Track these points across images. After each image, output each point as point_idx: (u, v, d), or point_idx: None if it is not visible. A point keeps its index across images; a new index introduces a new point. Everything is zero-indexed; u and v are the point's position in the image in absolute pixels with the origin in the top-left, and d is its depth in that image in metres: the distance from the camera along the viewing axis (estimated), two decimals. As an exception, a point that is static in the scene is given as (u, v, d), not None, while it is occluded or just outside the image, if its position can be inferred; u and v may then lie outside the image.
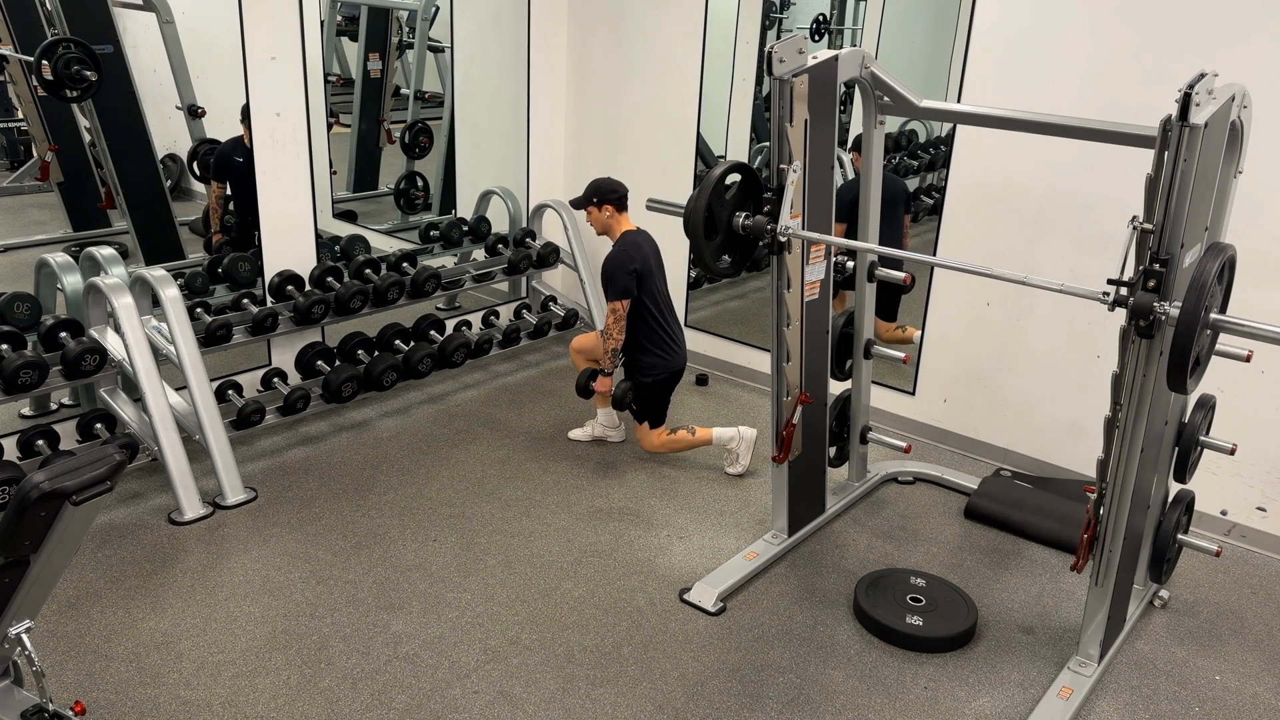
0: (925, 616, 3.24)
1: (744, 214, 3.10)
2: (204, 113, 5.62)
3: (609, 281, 4.05)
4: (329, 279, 4.57)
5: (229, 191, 5.13)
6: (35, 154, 5.64)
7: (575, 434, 4.53)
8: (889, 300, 4.75)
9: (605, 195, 4.16)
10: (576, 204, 4.26)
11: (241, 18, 4.02)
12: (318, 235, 4.59)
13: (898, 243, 4.89)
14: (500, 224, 5.60)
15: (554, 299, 5.63)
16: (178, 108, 5.38)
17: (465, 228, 5.35)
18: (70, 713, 2.32)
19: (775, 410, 3.42)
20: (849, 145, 4.90)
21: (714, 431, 4.28)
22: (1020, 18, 3.92)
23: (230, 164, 4.99)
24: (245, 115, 4.25)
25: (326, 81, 6.40)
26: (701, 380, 5.28)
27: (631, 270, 4.02)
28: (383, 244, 5.79)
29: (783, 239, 3.04)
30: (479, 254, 5.41)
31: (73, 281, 3.96)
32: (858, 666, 3.09)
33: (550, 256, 5.37)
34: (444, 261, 5.22)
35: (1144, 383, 2.60)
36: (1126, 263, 2.48)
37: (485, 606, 3.30)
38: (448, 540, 3.68)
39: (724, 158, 5.65)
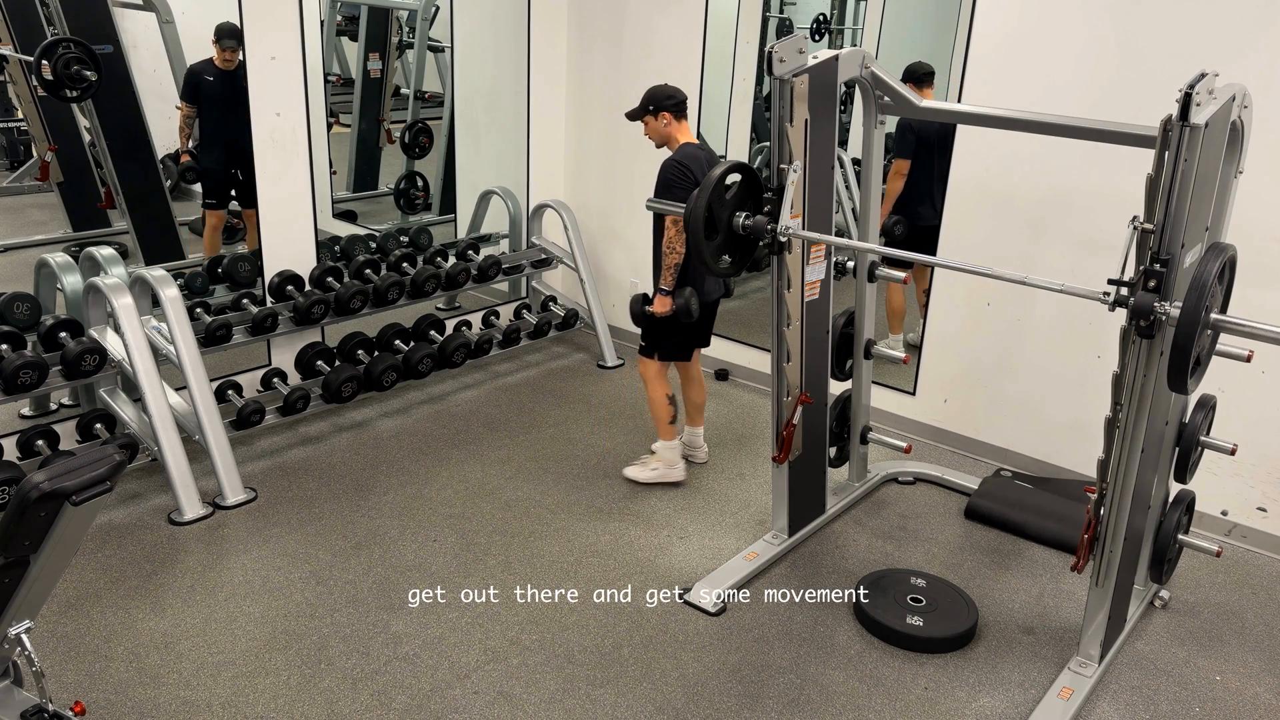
0: (925, 617, 3.24)
1: (744, 214, 3.09)
2: (204, 112, 5.63)
3: (666, 191, 3.70)
4: (329, 279, 4.57)
5: (196, 112, 5.12)
6: (35, 154, 5.63)
7: (631, 471, 4.13)
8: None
9: (661, 102, 3.78)
10: (631, 115, 3.86)
11: (241, 18, 4.02)
12: (317, 235, 4.60)
13: (941, 189, 4.57)
14: (500, 224, 5.60)
15: (554, 299, 5.63)
16: (177, 107, 5.37)
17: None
18: (70, 713, 2.32)
19: (775, 410, 3.42)
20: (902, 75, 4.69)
21: (676, 439, 4.11)
22: (1020, 18, 3.92)
23: (201, 84, 5.00)
24: (218, 35, 4.38)
25: (326, 81, 6.40)
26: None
27: (691, 182, 3.65)
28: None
29: (783, 239, 3.04)
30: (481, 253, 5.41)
31: (73, 281, 3.96)
32: (858, 667, 3.09)
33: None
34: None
35: (1144, 383, 2.60)
36: (1127, 263, 2.48)
37: (485, 607, 3.30)
38: (448, 540, 3.68)
39: (724, 157, 5.65)
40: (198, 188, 5.39)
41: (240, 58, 4.17)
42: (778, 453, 3.46)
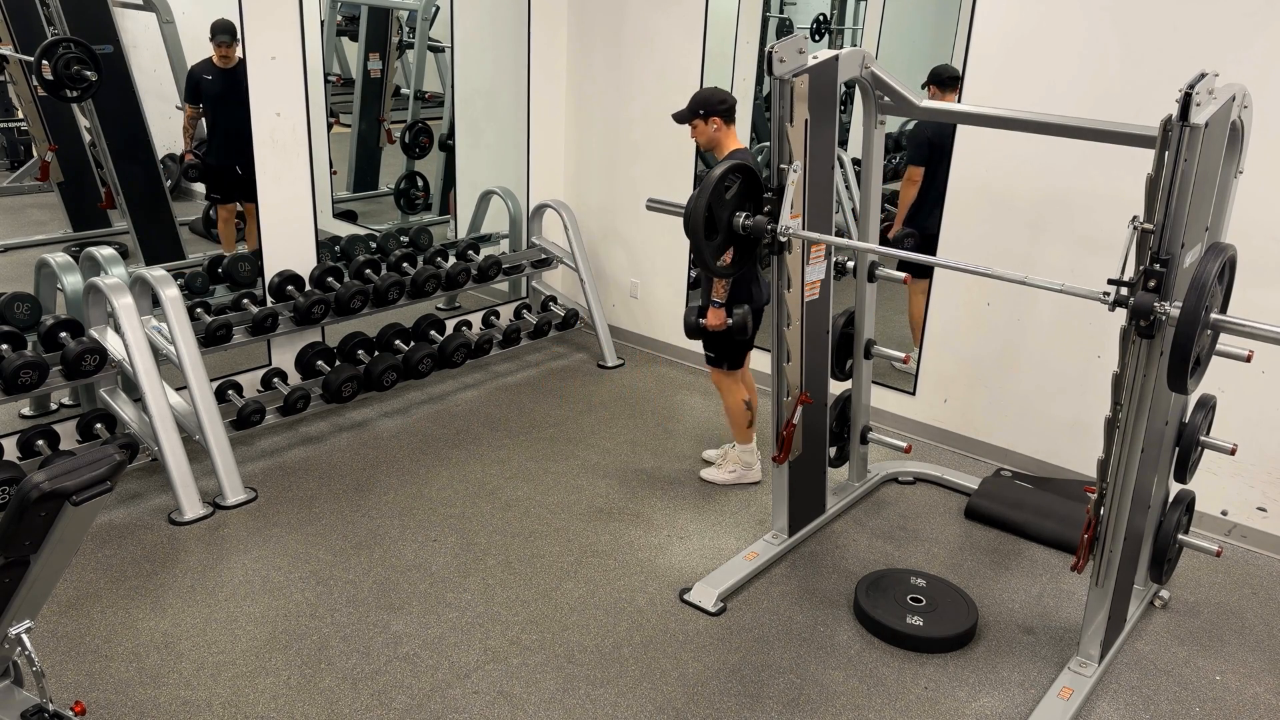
0: (925, 617, 3.24)
1: (744, 214, 3.10)
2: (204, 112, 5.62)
3: None
4: (329, 279, 4.57)
5: (200, 112, 5.22)
6: (35, 154, 5.63)
7: (709, 474, 4.16)
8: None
9: (713, 107, 3.69)
10: (680, 117, 3.76)
11: (241, 18, 4.02)
12: (318, 235, 4.59)
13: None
14: (500, 224, 5.60)
15: (554, 299, 5.63)
16: (178, 107, 5.37)
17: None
18: (70, 713, 2.32)
19: (775, 410, 3.42)
20: (925, 80, 4.58)
21: (750, 443, 4.16)
22: (1021, 18, 3.92)
23: (200, 84, 5.07)
24: (213, 32, 4.53)
25: (326, 81, 6.40)
26: None
27: None
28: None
29: (783, 239, 3.04)
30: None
31: (73, 281, 3.96)
32: (858, 667, 3.09)
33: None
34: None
35: (1144, 383, 2.60)
36: (1127, 263, 2.48)
37: (485, 607, 3.30)
38: (448, 540, 3.68)
39: (724, 158, 5.64)
40: (199, 186, 5.43)
41: (239, 54, 4.19)
42: (778, 453, 3.46)
